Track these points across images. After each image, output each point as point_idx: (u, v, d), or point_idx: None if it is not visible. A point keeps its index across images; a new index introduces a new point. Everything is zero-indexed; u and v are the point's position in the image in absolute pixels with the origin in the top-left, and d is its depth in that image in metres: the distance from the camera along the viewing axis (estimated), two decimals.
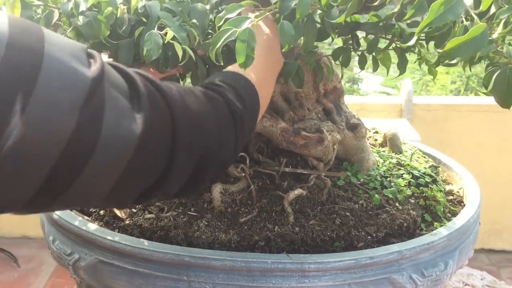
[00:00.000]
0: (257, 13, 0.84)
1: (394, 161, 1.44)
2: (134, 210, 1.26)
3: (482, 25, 0.59)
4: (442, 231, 1.19)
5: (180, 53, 0.86)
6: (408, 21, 1.06)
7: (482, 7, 0.65)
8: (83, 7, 0.86)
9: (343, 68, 1.30)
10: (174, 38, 0.86)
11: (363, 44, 1.20)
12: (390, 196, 1.29)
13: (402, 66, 1.17)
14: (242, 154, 1.34)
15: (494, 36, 0.69)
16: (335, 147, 1.33)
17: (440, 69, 1.25)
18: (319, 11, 0.86)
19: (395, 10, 0.91)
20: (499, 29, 0.73)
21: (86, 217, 1.26)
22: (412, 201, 1.30)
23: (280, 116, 1.34)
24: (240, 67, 0.81)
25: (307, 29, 0.85)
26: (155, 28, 0.88)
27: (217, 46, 0.79)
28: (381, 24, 1.10)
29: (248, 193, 1.29)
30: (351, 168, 1.37)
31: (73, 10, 0.85)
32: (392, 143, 1.50)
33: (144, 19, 0.96)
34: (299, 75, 1.20)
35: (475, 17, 0.63)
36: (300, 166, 1.35)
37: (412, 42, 0.77)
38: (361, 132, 1.39)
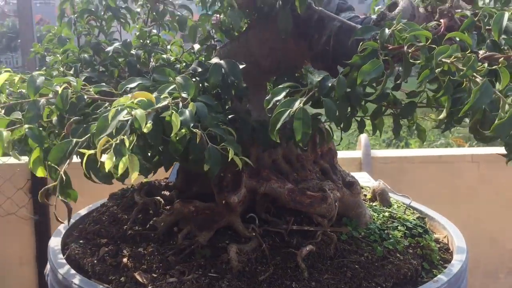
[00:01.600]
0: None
1: (386, 214, 1.60)
2: (155, 275, 1.31)
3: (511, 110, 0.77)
4: (442, 278, 1.34)
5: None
6: (407, 91, 1.25)
7: (501, 86, 0.83)
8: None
9: None
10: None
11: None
12: (391, 247, 1.44)
13: (397, 130, 1.34)
14: (251, 214, 1.44)
15: None
16: (336, 204, 1.46)
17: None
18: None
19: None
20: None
21: (106, 285, 1.30)
22: (411, 251, 1.45)
23: (285, 177, 1.47)
24: (298, 141, 0.93)
25: (342, 104, 1.00)
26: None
27: (277, 127, 0.92)
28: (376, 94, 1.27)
29: (262, 251, 1.38)
30: (350, 223, 1.51)
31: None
32: (382, 197, 1.66)
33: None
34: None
35: (502, 96, 0.80)
36: (305, 223, 1.47)
37: (443, 115, 0.92)
38: (357, 189, 1.54)
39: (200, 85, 1.20)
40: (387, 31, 0.98)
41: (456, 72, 0.86)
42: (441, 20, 1.04)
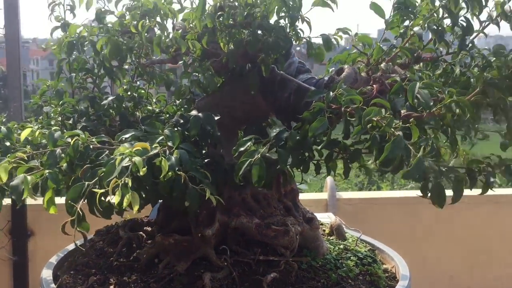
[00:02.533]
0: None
1: (341, 246, 1.85)
2: None
3: (418, 157, 1.04)
4: None
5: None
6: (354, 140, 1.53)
7: (413, 139, 1.11)
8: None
9: None
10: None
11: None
12: (344, 275, 1.69)
13: (346, 172, 1.61)
14: (223, 246, 1.68)
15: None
16: (297, 237, 1.72)
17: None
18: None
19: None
20: (420, 152, 1.20)
21: None
22: (361, 277, 1.71)
23: (253, 213, 1.72)
24: (255, 183, 1.19)
25: (295, 152, 1.27)
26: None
27: (240, 173, 1.18)
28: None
29: (232, 278, 1.61)
30: (310, 254, 1.76)
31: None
32: (338, 232, 1.92)
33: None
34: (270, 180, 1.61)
35: (412, 149, 1.08)
36: (270, 254, 1.71)
37: (370, 162, 1.19)
38: (315, 224, 1.80)
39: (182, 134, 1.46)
40: (331, 94, 1.26)
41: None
42: (374, 86, 1.33)
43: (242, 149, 1.26)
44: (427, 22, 1.36)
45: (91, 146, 1.22)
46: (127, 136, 1.30)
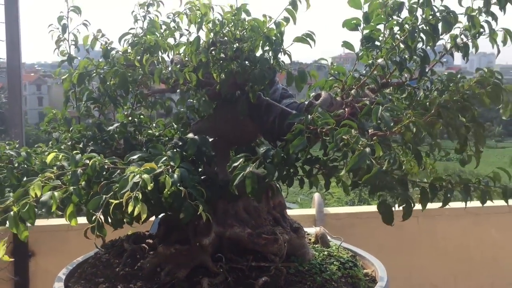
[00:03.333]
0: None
1: (326, 253, 2.08)
2: None
3: (376, 167, 1.28)
4: None
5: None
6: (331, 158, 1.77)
7: (376, 153, 1.35)
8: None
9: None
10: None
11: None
12: (328, 277, 1.91)
13: (327, 185, 1.85)
14: (219, 254, 1.90)
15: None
16: (285, 245, 1.94)
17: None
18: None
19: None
20: (385, 164, 1.44)
21: None
22: (343, 280, 1.93)
23: (245, 224, 1.95)
24: (249, 193, 1.42)
25: (280, 167, 1.51)
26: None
27: (235, 184, 1.42)
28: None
29: (227, 283, 1.83)
30: (297, 260, 1.98)
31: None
32: (323, 240, 2.15)
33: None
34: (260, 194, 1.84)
35: (374, 162, 1.32)
36: (261, 260, 1.93)
37: (342, 173, 1.42)
38: (302, 233, 2.03)
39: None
40: (309, 117, 1.51)
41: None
42: (346, 109, 1.58)
43: (235, 164, 1.49)
44: (389, 54, 1.62)
45: (105, 166, 1.44)
46: (134, 157, 1.53)
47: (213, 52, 1.67)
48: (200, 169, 1.79)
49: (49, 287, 3.74)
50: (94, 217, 1.30)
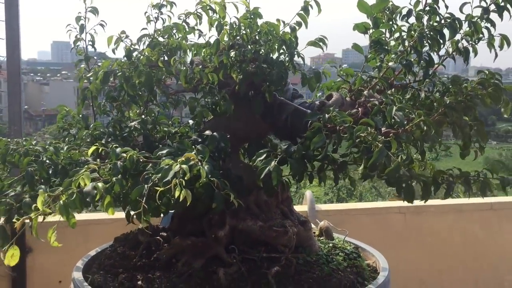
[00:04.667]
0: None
1: (330, 245, 2.22)
2: None
3: (396, 161, 1.42)
4: (371, 287, 1.95)
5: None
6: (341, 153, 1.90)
7: (392, 150, 1.48)
8: None
9: None
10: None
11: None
12: (334, 267, 2.04)
13: (336, 180, 1.97)
14: (232, 246, 2.01)
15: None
16: (294, 237, 2.06)
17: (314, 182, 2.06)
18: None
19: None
20: (399, 159, 1.57)
21: None
22: (349, 269, 2.06)
23: (256, 217, 2.06)
24: (275, 185, 1.54)
25: (300, 162, 1.63)
26: None
27: (262, 176, 1.53)
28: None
29: (241, 273, 1.94)
30: (305, 251, 2.11)
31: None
32: (327, 233, 2.28)
33: None
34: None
35: (391, 155, 1.45)
36: (272, 251, 2.05)
37: (361, 168, 1.55)
38: (308, 226, 2.16)
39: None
40: (327, 115, 1.63)
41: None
42: (359, 109, 1.71)
43: (260, 158, 1.61)
44: (399, 58, 1.76)
45: (140, 160, 1.54)
46: (163, 152, 1.63)
47: (232, 54, 1.78)
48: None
49: (46, 283, 3.80)
50: (139, 203, 1.39)
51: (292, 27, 1.80)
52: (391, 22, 1.81)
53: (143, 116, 2.12)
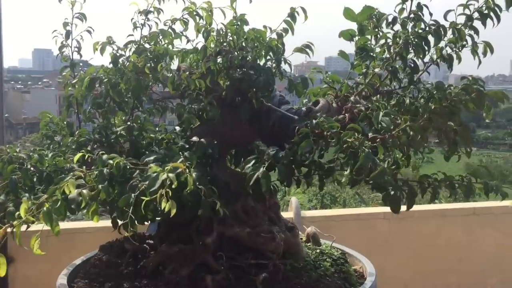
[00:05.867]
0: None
1: (318, 251, 2.22)
2: None
3: (382, 166, 1.43)
4: None
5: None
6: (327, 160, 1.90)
7: (379, 155, 1.49)
8: None
9: None
10: None
11: None
12: (322, 273, 2.04)
13: (321, 186, 1.97)
14: (220, 253, 2.00)
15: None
16: (281, 243, 2.06)
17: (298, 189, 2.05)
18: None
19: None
20: (385, 164, 1.58)
21: None
22: (336, 275, 2.07)
23: (244, 224, 2.06)
24: (264, 191, 1.54)
25: (288, 167, 1.63)
26: None
27: (251, 182, 1.53)
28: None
29: (229, 280, 1.93)
30: (292, 257, 2.10)
31: None
32: (314, 239, 2.28)
33: None
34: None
35: (377, 160, 1.46)
36: (259, 258, 2.04)
37: (347, 172, 1.56)
38: (296, 232, 2.15)
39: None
40: (314, 121, 1.64)
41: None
42: (346, 114, 1.72)
43: (248, 165, 1.61)
44: (385, 65, 1.78)
45: (128, 166, 1.53)
46: (150, 158, 1.62)
47: (219, 60, 1.78)
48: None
49: None
50: (126, 213, 1.38)
51: (279, 33, 1.81)
52: (376, 30, 1.83)
53: (128, 123, 2.11)
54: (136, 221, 1.47)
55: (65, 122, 2.17)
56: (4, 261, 1.39)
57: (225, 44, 1.81)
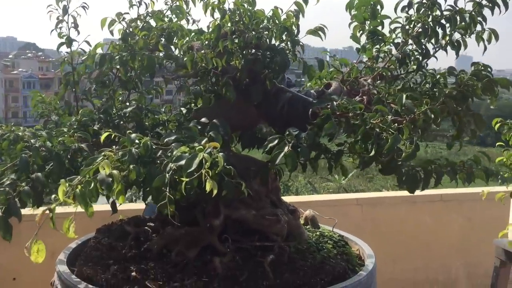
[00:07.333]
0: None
1: (318, 233, 2.23)
2: (161, 283, 1.77)
3: (412, 147, 1.44)
4: (363, 273, 1.98)
5: None
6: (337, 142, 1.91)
7: (404, 136, 1.51)
8: None
9: None
10: None
11: None
12: (325, 255, 2.06)
13: (330, 169, 1.98)
14: (226, 235, 1.98)
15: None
16: (285, 225, 2.06)
17: None
18: None
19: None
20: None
21: None
22: (339, 257, 2.09)
23: (249, 206, 2.04)
24: (289, 170, 1.52)
25: (311, 149, 1.62)
26: None
27: (277, 162, 1.51)
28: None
29: (236, 262, 1.91)
30: (295, 239, 2.11)
31: None
32: (313, 222, 2.30)
33: None
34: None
35: (405, 141, 1.48)
36: (263, 240, 2.03)
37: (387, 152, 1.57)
38: (297, 215, 2.16)
39: None
40: (335, 103, 1.64)
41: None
42: (363, 97, 1.73)
43: (271, 144, 1.59)
44: (402, 48, 1.80)
45: (153, 146, 1.47)
46: (171, 138, 1.57)
47: (236, 40, 1.75)
48: None
49: (2, 280, 3.57)
50: (163, 193, 1.33)
51: (295, 14, 1.79)
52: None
53: (133, 103, 2.04)
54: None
55: (58, 102, 2.08)
56: (43, 247, 1.33)
57: (241, 23, 1.77)
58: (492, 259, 3.57)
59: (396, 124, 1.52)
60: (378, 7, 1.86)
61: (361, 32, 1.97)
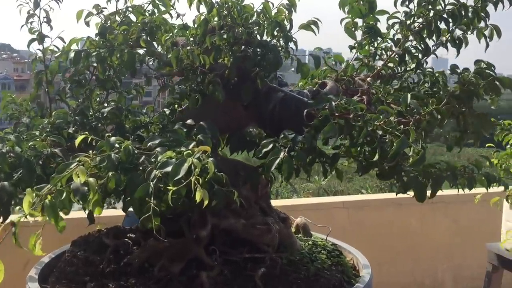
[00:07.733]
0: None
1: (310, 242, 2.09)
2: None
3: (422, 151, 1.32)
4: (360, 285, 1.85)
5: None
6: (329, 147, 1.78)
7: (411, 139, 1.38)
8: None
9: None
10: None
11: None
12: (320, 266, 1.92)
13: (325, 173, 1.85)
14: (213, 247, 1.83)
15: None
16: (277, 234, 1.92)
17: None
18: None
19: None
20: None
21: None
22: (334, 268, 1.95)
23: (238, 215, 1.89)
24: (285, 178, 1.38)
25: (308, 153, 1.48)
26: None
27: (272, 168, 1.37)
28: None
29: (224, 276, 1.77)
30: (287, 250, 1.97)
31: None
32: (304, 230, 2.16)
33: None
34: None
35: (412, 145, 1.35)
36: (254, 251, 1.89)
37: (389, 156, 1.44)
38: (289, 223, 2.02)
39: None
40: (333, 103, 1.50)
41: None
42: (363, 97, 1.60)
43: (266, 149, 1.44)
44: (403, 46, 1.67)
45: (135, 151, 1.31)
46: (155, 142, 1.41)
47: (224, 36, 1.60)
48: None
49: None
50: (148, 204, 1.18)
51: (288, 8, 1.65)
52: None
53: (112, 103, 1.87)
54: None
55: (29, 103, 1.91)
56: (1, 268, 1.16)
57: (228, 18, 1.63)
58: (478, 262, 3.49)
59: (402, 126, 1.39)
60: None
61: (353, 28, 1.85)
